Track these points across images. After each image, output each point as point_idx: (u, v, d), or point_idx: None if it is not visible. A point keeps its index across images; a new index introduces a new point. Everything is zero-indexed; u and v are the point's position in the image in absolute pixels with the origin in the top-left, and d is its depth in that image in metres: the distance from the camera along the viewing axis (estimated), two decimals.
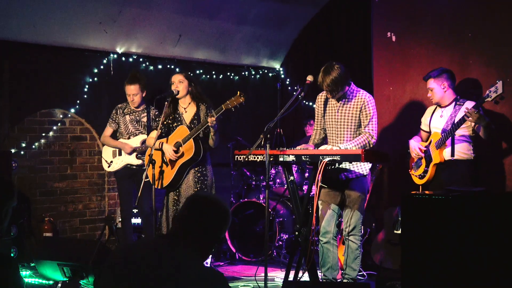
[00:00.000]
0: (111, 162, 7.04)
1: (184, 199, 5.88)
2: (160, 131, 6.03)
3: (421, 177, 5.85)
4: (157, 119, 6.81)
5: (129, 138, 6.95)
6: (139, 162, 6.85)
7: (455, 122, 5.54)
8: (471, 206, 4.03)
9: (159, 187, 6.02)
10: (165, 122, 6.13)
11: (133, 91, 6.86)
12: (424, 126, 6.02)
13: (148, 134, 6.61)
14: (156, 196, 5.91)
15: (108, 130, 7.10)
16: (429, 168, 5.75)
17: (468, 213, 4.00)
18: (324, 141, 5.90)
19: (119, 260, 2.84)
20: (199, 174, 6.03)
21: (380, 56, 7.17)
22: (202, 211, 2.92)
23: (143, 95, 6.94)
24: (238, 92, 5.74)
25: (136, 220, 7.40)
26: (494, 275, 3.99)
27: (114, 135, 7.10)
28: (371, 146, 5.52)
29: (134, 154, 6.85)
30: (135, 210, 7.35)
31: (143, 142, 6.82)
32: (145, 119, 6.90)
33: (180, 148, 5.95)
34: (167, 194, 6.14)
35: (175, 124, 6.13)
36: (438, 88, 5.75)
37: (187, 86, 6.10)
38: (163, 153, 5.99)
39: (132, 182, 6.94)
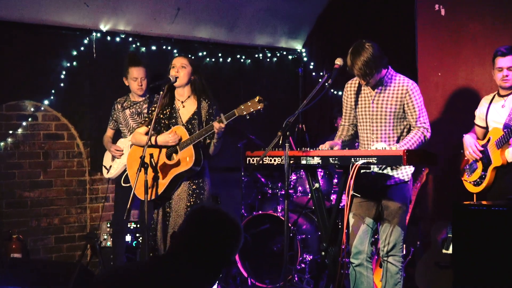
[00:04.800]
0: (110, 167, 7.09)
1: (175, 214, 5.89)
2: (150, 127, 5.90)
3: (477, 183, 5.83)
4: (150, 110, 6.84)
5: (130, 135, 7.00)
6: None
7: None
8: None
9: (149, 198, 5.98)
10: (156, 117, 6.02)
11: (141, 74, 6.94)
12: (479, 120, 5.99)
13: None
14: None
15: (109, 131, 7.25)
16: (487, 172, 5.72)
17: None
18: (353, 139, 5.88)
19: (104, 287, 2.85)
20: (194, 186, 5.93)
21: (426, 34, 7.15)
22: (208, 228, 2.91)
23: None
24: (258, 97, 5.56)
25: (128, 238, 7.44)
26: None
27: (119, 135, 7.19)
28: (427, 141, 5.48)
29: None
30: (132, 226, 7.40)
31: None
32: (146, 110, 6.94)
33: (175, 155, 5.89)
34: (156, 207, 6.05)
35: (167, 121, 5.99)
36: None
37: (189, 73, 5.98)
38: (151, 156, 5.88)
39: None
